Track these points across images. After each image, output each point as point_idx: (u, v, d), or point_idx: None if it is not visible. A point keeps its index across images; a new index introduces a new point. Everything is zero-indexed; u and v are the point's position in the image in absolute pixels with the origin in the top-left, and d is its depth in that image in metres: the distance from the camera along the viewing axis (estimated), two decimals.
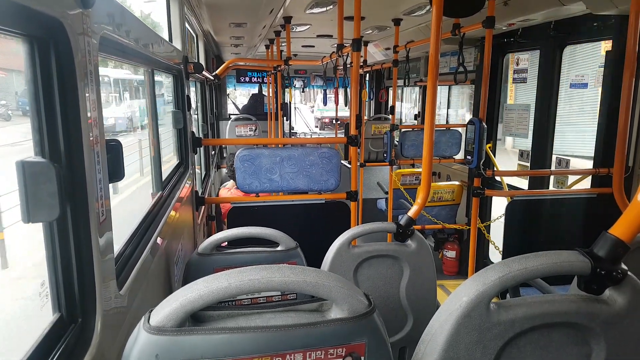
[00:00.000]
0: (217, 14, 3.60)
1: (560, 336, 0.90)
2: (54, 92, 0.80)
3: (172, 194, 1.98)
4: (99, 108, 0.93)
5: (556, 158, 3.46)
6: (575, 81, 3.31)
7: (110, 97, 8.90)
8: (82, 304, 0.87)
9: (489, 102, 2.94)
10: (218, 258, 1.69)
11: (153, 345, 0.75)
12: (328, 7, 3.40)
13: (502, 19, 3.15)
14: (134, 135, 8.48)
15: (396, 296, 1.73)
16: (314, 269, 0.85)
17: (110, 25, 1.04)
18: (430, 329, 0.91)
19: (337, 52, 2.92)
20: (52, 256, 0.84)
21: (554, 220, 2.88)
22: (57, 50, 0.78)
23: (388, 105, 6.99)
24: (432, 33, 1.80)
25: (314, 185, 2.51)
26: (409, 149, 4.64)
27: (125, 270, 1.14)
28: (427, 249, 1.73)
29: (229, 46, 5.86)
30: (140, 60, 1.60)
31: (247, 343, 0.77)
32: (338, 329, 0.81)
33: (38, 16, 0.71)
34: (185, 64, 2.39)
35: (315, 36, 5.00)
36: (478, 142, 2.67)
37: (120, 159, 1.03)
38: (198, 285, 0.79)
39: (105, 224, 0.94)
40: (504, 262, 0.89)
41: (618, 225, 0.89)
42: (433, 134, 1.89)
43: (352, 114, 2.66)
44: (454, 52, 4.69)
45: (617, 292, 0.88)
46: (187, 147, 2.44)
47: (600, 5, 2.45)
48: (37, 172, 0.73)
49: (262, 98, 8.00)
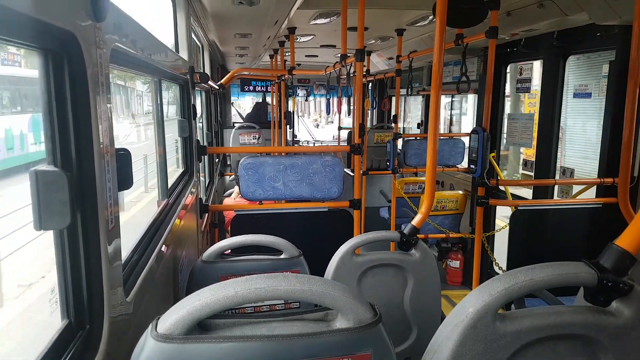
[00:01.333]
0: (223, 24, 3.64)
1: (567, 348, 0.90)
2: (66, 103, 0.81)
3: (177, 202, 2.00)
4: (109, 118, 0.94)
5: (560, 168, 3.46)
6: (579, 90, 3.32)
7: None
8: (90, 311, 0.87)
9: (492, 112, 2.96)
10: (222, 265, 1.69)
11: (160, 353, 0.75)
12: (332, 18, 3.44)
13: (505, 30, 3.17)
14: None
15: (400, 306, 1.72)
16: (320, 277, 0.86)
17: (120, 37, 1.06)
18: (436, 340, 0.90)
19: (340, 62, 2.95)
20: (61, 263, 0.85)
21: (558, 230, 2.86)
22: (70, 62, 0.80)
23: (391, 114, 7.02)
24: (436, 43, 1.82)
25: (317, 194, 2.52)
26: (411, 157, 4.65)
27: (132, 277, 1.15)
28: (431, 259, 1.72)
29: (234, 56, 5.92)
30: (148, 71, 1.63)
31: (254, 352, 0.78)
32: (344, 339, 0.81)
33: (52, 30, 0.73)
34: (191, 74, 2.42)
35: (318, 46, 5.04)
36: (482, 151, 2.68)
37: (129, 168, 1.04)
38: (205, 293, 0.80)
39: (114, 231, 0.96)
40: (510, 273, 0.89)
41: (624, 237, 0.89)
42: (437, 143, 1.90)
43: (355, 123, 2.67)
44: (457, 62, 4.72)
45: (624, 304, 0.88)
46: (192, 155, 2.46)
47: (603, 15, 2.47)
48: (50, 181, 0.74)
49: (266, 107, 8.05)
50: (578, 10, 2.56)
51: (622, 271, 0.87)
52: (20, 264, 3.47)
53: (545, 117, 3.44)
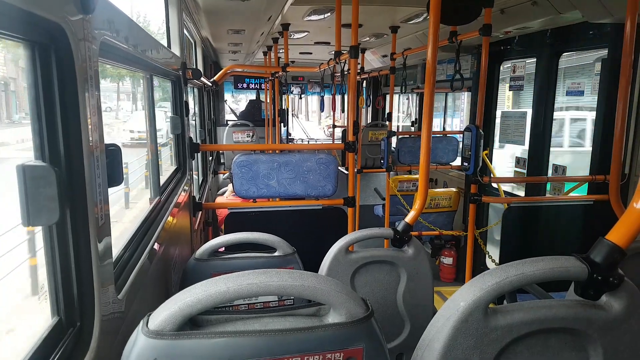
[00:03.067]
0: (216, 20, 3.62)
1: (557, 342, 0.91)
2: (54, 97, 0.80)
3: (169, 199, 1.98)
4: (98, 113, 0.93)
5: (552, 165, 3.48)
6: (572, 89, 3.34)
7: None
8: (80, 308, 0.86)
9: (486, 109, 2.97)
10: (215, 263, 1.69)
11: (151, 349, 0.74)
12: (326, 15, 3.43)
13: (499, 27, 3.19)
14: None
15: (393, 302, 1.73)
16: (312, 273, 0.86)
17: (110, 30, 1.05)
18: (428, 334, 0.91)
19: (334, 59, 2.94)
20: (51, 260, 0.83)
21: (550, 227, 2.89)
22: (58, 56, 0.79)
23: (385, 112, 7.03)
24: (430, 40, 1.82)
25: (311, 191, 2.51)
26: (405, 155, 4.66)
27: (124, 274, 1.14)
28: (424, 255, 1.73)
29: (227, 53, 5.89)
30: (139, 66, 1.61)
31: (246, 347, 0.77)
32: (336, 334, 0.81)
33: (40, 21, 0.72)
34: (183, 70, 2.40)
35: (312, 43, 5.03)
36: (475, 148, 2.69)
37: (119, 164, 1.03)
38: (196, 289, 0.79)
39: (104, 228, 0.94)
40: (501, 268, 0.89)
41: (614, 232, 0.90)
42: (430, 141, 1.90)
43: (349, 121, 2.67)
44: (451, 60, 4.72)
45: (614, 297, 0.89)
46: (185, 153, 2.45)
47: (596, 14, 2.49)
48: (38, 176, 0.73)
49: (260, 104, 8.03)
50: (571, 8, 2.58)
51: (612, 265, 0.88)
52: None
53: (538, 115, 3.47)
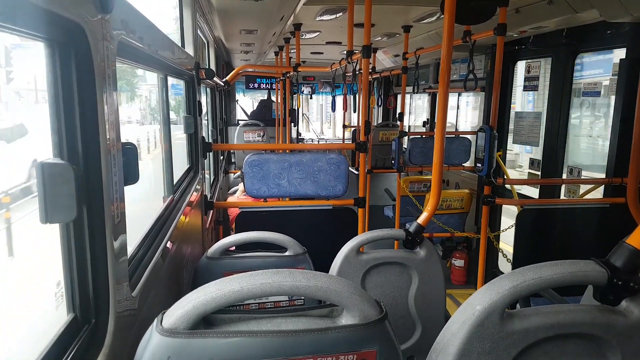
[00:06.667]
0: (229, 20, 3.64)
1: (575, 347, 0.89)
2: (73, 96, 0.81)
3: (182, 198, 2.00)
4: (116, 112, 0.94)
5: (568, 167, 3.42)
6: (588, 89, 3.28)
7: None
8: (95, 305, 0.87)
9: (500, 110, 2.93)
10: (227, 262, 1.69)
11: (165, 347, 0.75)
12: (338, 15, 3.43)
13: (514, 27, 3.14)
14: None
15: (404, 304, 1.72)
16: (325, 274, 0.85)
17: (127, 30, 1.06)
18: (443, 338, 0.89)
19: (346, 59, 2.93)
20: (67, 257, 0.84)
21: (564, 230, 2.84)
22: (77, 55, 0.80)
23: (396, 112, 6.99)
24: (444, 40, 1.80)
25: (321, 191, 2.51)
26: (417, 156, 4.62)
27: (137, 272, 1.14)
28: (436, 257, 1.71)
29: (239, 53, 5.92)
30: (154, 66, 1.63)
31: (259, 347, 0.77)
32: (349, 336, 0.80)
33: (60, 21, 0.72)
34: (197, 70, 2.42)
35: (324, 43, 5.02)
36: (488, 149, 2.66)
37: (135, 162, 1.04)
38: (210, 288, 0.79)
39: (120, 226, 0.95)
40: (518, 271, 0.88)
41: (635, 236, 0.88)
42: (444, 141, 1.89)
43: (361, 120, 2.66)
44: (464, 60, 4.68)
45: (634, 303, 0.87)
46: (197, 152, 2.46)
47: (614, 13, 2.43)
48: (56, 174, 0.74)
49: (270, 104, 8.05)
50: (588, 7, 2.53)
51: (633, 270, 0.86)
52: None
53: (553, 116, 3.41)
